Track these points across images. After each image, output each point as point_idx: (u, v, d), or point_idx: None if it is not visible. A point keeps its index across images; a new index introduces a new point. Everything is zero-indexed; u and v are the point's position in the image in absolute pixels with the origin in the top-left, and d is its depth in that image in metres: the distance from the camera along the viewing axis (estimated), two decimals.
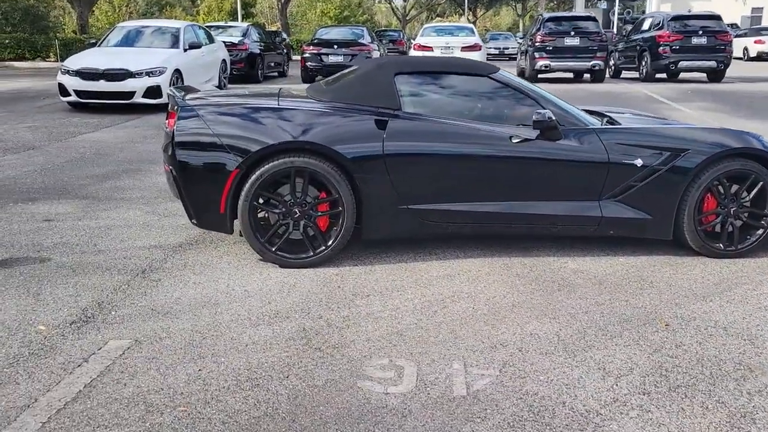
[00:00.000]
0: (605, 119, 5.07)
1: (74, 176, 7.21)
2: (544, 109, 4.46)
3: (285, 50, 23.39)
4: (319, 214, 4.43)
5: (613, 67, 20.93)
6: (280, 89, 5.26)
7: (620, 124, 4.94)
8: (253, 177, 4.26)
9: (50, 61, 26.08)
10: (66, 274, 4.26)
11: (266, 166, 4.26)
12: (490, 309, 3.81)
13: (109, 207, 5.96)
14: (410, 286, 4.14)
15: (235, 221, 4.47)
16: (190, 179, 4.32)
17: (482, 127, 4.51)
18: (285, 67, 22.10)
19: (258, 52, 18.68)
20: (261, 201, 4.45)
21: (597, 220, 4.57)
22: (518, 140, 4.47)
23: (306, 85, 5.82)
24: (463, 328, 3.56)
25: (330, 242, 4.43)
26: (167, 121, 4.52)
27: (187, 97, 4.58)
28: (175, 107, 4.42)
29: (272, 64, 20.59)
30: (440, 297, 3.98)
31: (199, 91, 5.12)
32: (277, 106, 4.42)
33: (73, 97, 11.87)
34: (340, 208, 4.37)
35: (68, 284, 4.09)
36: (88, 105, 12.33)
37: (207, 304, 3.84)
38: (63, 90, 11.95)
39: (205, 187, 4.32)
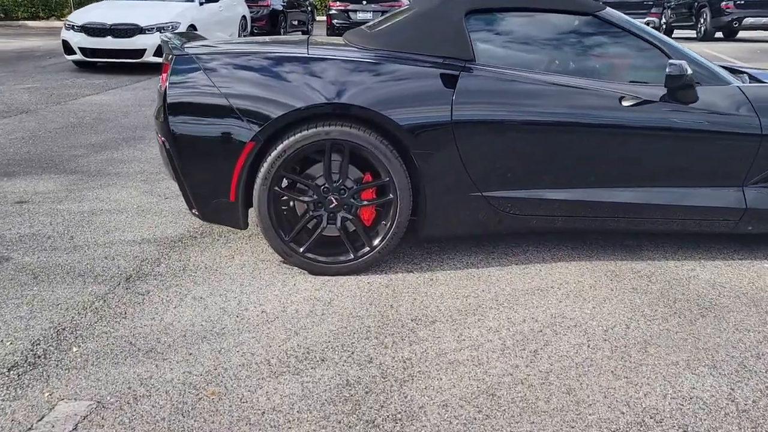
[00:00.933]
0: (744, 76, 3.80)
1: (66, 145, 6.11)
2: (679, 60, 3.21)
3: (309, 8, 22.04)
4: (363, 203, 3.27)
5: (664, 26, 19.27)
6: (309, 36, 4.04)
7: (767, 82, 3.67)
8: (275, 153, 3.10)
9: (65, 20, 24.92)
10: (23, 283, 3.16)
11: (292, 139, 3.09)
12: (613, 348, 2.64)
13: (100, 185, 4.85)
14: (490, 306, 2.98)
15: (250, 212, 3.33)
16: (188, 156, 3.17)
17: (584, 85, 3.28)
18: (309, 27, 20.76)
19: (281, 9, 17.35)
20: (284, 185, 3.31)
21: (739, 212, 3.36)
22: (632, 102, 3.24)
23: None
24: (583, 383, 2.40)
25: (377, 241, 3.27)
26: (161, 77, 3.36)
27: (188, 45, 3.40)
28: (170, 57, 3.25)
29: (295, 23, 19.24)
30: (536, 326, 2.82)
31: (206, 39, 3.93)
32: (306, 55, 3.23)
33: (78, 56, 10.74)
34: (391, 196, 3.21)
35: (22, 300, 2.99)
36: (95, 64, 11.21)
37: (209, 334, 2.72)
38: (67, 47, 10.83)
39: (209, 167, 3.17)
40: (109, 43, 10.52)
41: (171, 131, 3.14)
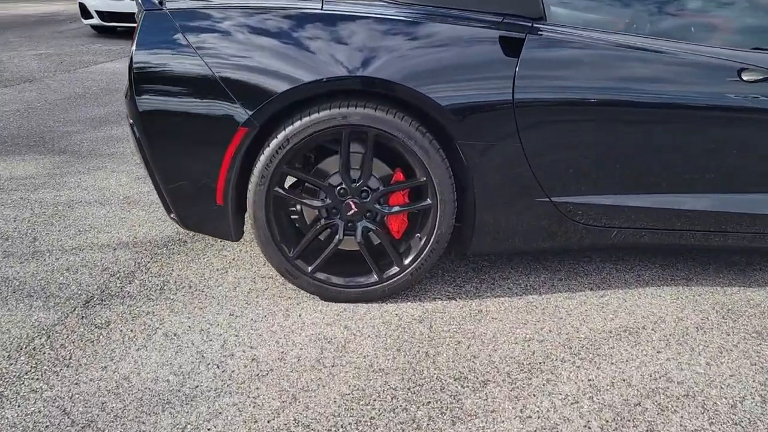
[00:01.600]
0: None
1: (62, 120, 5.42)
2: None
3: None
4: (393, 210, 2.47)
5: None
6: None
7: None
8: (275, 142, 2.32)
9: None
10: None
11: (298, 124, 2.30)
12: None
13: (87, 168, 4.14)
14: (562, 358, 2.18)
15: (244, 218, 2.56)
16: (161, 144, 2.40)
17: (692, 53, 2.41)
18: None
19: None
20: (288, 186, 2.53)
21: None
22: (758, 77, 2.37)
23: None
24: None
25: (409, 259, 2.48)
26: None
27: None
28: (140, 14, 2.47)
29: None
30: (630, 394, 2.01)
31: None
32: (320, 12, 2.41)
33: (95, 20, 10.06)
34: (429, 201, 2.41)
35: None
36: (114, 30, 10.53)
37: (175, 397, 1.98)
38: (84, 11, 10.16)
39: (189, 159, 2.40)
40: (127, 6, 9.80)
41: (138, 109, 2.37)
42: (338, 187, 2.44)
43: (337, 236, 2.47)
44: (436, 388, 2.03)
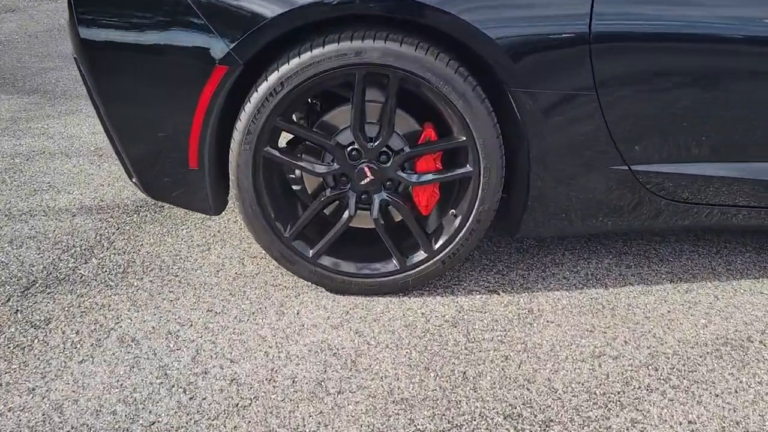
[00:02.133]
0: None
1: (40, 54, 4.81)
2: None
3: None
4: (421, 179, 1.87)
5: None
6: None
7: None
8: (265, 86, 1.72)
9: None
10: None
11: (296, 62, 1.70)
12: None
13: (59, 111, 3.56)
14: (647, 385, 1.62)
15: (228, 186, 1.98)
16: (114, 87, 1.80)
17: None
18: None
19: None
20: (284, 145, 1.95)
21: None
22: None
23: None
24: None
25: (441, 242, 1.91)
26: None
27: None
28: None
29: None
30: None
31: None
32: None
33: None
34: (470, 167, 1.81)
35: None
36: None
37: None
38: None
39: (152, 108, 1.79)
40: None
41: (80, 37, 1.76)
42: (349, 148, 1.85)
43: (347, 211, 1.88)
44: (480, 428, 1.48)
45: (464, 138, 1.79)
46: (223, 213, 2.44)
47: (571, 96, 1.73)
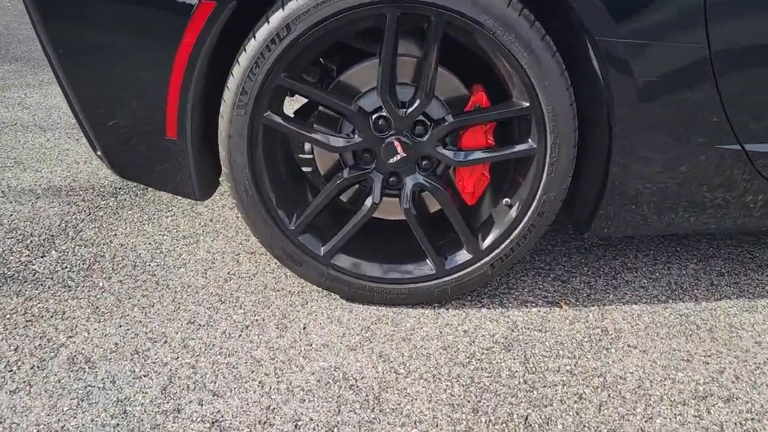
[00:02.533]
0: None
1: (29, 21, 4.38)
2: None
3: None
4: (469, 158, 1.43)
5: None
6: None
7: None
8: (266, 30, 1.30)
9: None
10: None
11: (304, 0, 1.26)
12: None
13: (39, 81, 3.16)
14: None
15: (218, 163, 1.55)
16: (69, 33, 1.37)
17: None
18: None
19: None
20: (285, 110, 1.53)
21: None
22: None
23: None
24: None
25: (490, 239, 1.48)
26: None
27: None
28: None
29: None
30: None
31: None
32: None
33: None
34: (533, 143, 1.37)
35: None
36: None
37: None
38: None
39: (117, 60, 1.36)
40: None
41: None
42: (375, 116, 1.41)
43: (371, 198, 1.45)
44: None
45: (527, 104, 1.35)
46: (218, 196, 2.02)
47: (675, 50, 1.29)
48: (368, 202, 1.45)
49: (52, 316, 1.46)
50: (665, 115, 1.35)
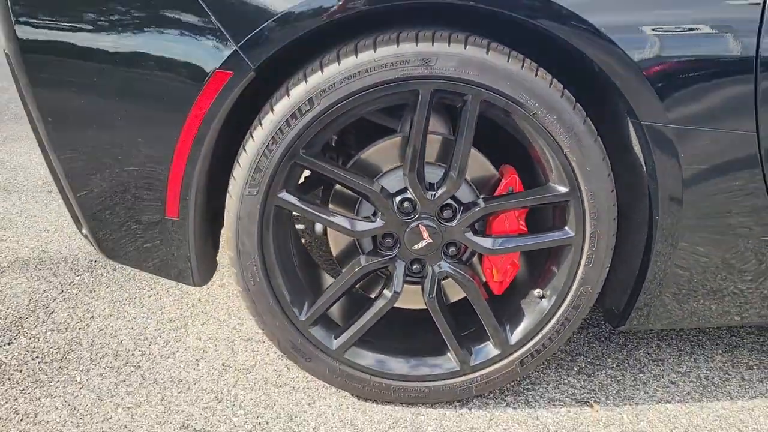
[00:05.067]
0: None
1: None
2: None
3: None
4: (501, 246, 1.31)
5: None
6: None
7: None
8: (285, 104, 1.17)
9: None
10: None
11: (333, 70, 1.15)
12: None
13: (4, 137, 2.97)
14: None
15: (218, 242, 1.40)
16: (61, 102, 1.21)
17: None
18: None
19: None
20: (303, 190, 1.40)
21: None
22: None
23: None
24: None
25: (519, 333, 1.35)
26: None
27: None
28: None
29: None
30: None
31: None
32: None
33: None
34: (569, 231, 1.26)
35: None
36: None
37: None
38: None
39: (114, 131, 1.21)
40: None
41: (17, 38, 1.19)
42: (399, 198, 1.29)
43: (392, 285, 1.32)
44: None
45: (566, 189, 1.25)
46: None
47: (728, 137, 1.21)
48: (390, 292, 1.31)
49: (21, 420, 1.26)
50: (712, 202, 1.26)
